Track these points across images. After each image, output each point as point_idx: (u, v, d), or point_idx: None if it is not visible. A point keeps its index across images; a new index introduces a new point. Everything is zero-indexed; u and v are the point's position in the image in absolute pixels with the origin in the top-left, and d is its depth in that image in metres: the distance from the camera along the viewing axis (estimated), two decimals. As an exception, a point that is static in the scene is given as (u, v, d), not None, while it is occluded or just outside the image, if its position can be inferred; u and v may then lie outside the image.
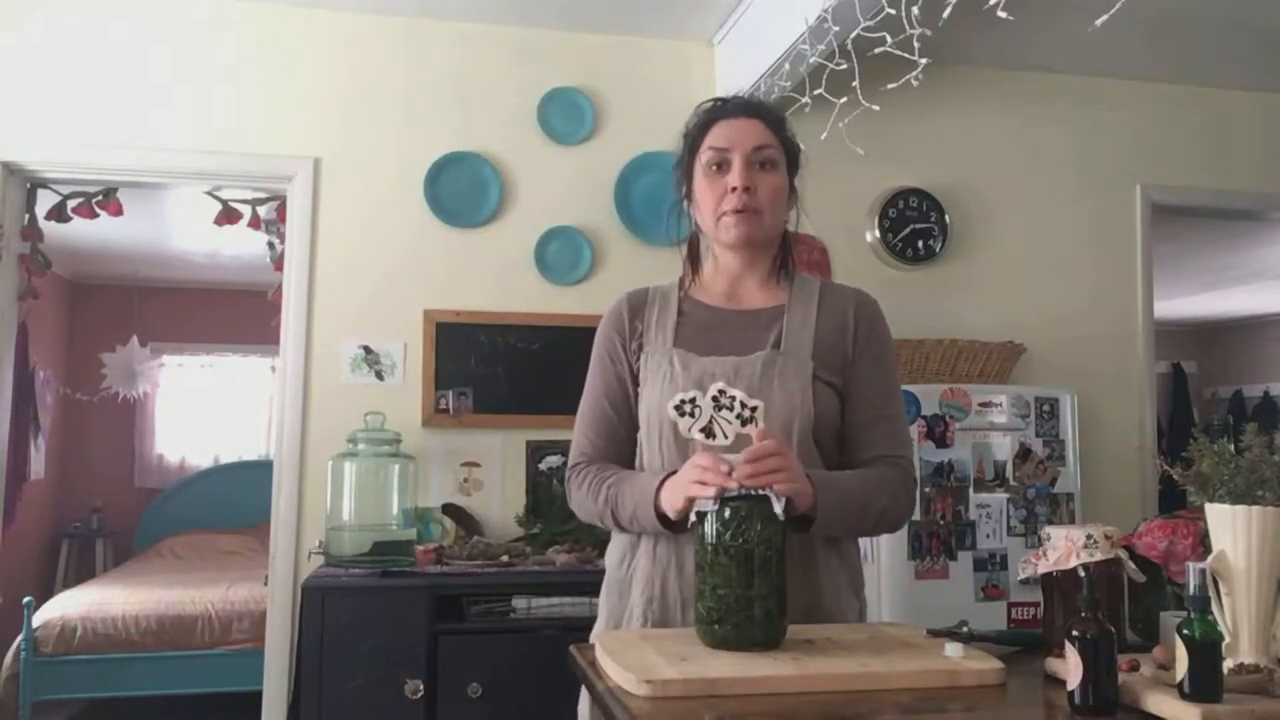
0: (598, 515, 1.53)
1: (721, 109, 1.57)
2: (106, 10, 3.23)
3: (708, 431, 1.45)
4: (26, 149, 3.18)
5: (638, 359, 1.56)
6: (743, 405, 1.44)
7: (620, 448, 1.57)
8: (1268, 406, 8.17)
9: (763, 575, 1.22)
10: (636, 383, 1.55)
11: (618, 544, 1.57)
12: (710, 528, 1.26)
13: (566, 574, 2.83)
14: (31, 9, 3.19)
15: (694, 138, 1.57)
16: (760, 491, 1.25)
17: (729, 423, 1.45)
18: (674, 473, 1.40)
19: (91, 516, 6.62)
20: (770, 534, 1.24)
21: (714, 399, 1.45)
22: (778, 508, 1.25)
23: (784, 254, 1.61)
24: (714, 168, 1.52)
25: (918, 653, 1.21)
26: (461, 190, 3.35)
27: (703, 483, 1.29)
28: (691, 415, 1.46)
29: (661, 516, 1.41)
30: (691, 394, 1.46)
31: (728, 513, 1.25)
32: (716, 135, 1.53)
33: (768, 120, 1.56)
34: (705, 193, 1.54)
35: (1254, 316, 8.36)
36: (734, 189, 1.49)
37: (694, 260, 1.64)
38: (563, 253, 3.40)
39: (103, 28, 3.22)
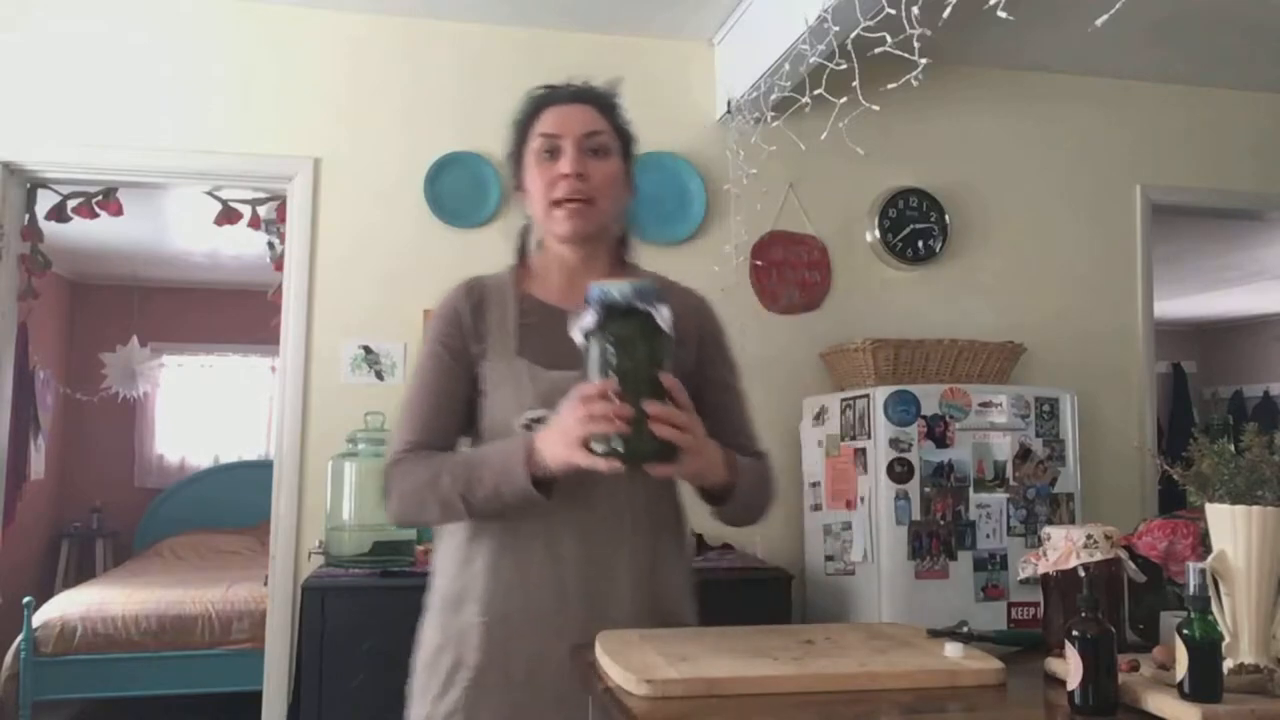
0: (436, 501, 1.37)
1: (551, 95, 1.49)
2: (106, 10, 3.23)
3: None
4: (26, 149, 3.18)
5: (480, 363, 1.44)
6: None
7: (450, 448, 1.45)
8: (1268, 406, 8.17)
9: (655, 393, 1.22)
10: (477, 387, 1.44)
11: (453, 549, 1.45)
12: (596, 347, 1.24)
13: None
14: (31, 9, 3.19)
15: (524, 125, 1.49)
16: (644, 307, 1.23)
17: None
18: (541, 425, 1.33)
19: (91, 516, 6.63)
20: (657, 350, 1.24)
21: None
22: (663, 321, 1.23)
23: (622, 246, 1.54)
24: (545, 155, 1.44)
25: (918, 653, 1.21)
26: (461, 190, 3.35)
27: (592, 417, 1.21)
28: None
29: (536, 481, 1.30)
30: (540, 412, 1.36)
31: (613, 332, 1.23)
32: (547, 121, 1.45)
33: (599, 105, 1.49)
34: (536, 181, 1.45)
35: (1254, 316, 8.36)
36: (565, 176, 1.41)
37: (523, 254, 1.55)
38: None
39: (103, 28, 3.23)
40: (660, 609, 1.43)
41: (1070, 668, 1.04)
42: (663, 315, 1.23)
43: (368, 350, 3.28)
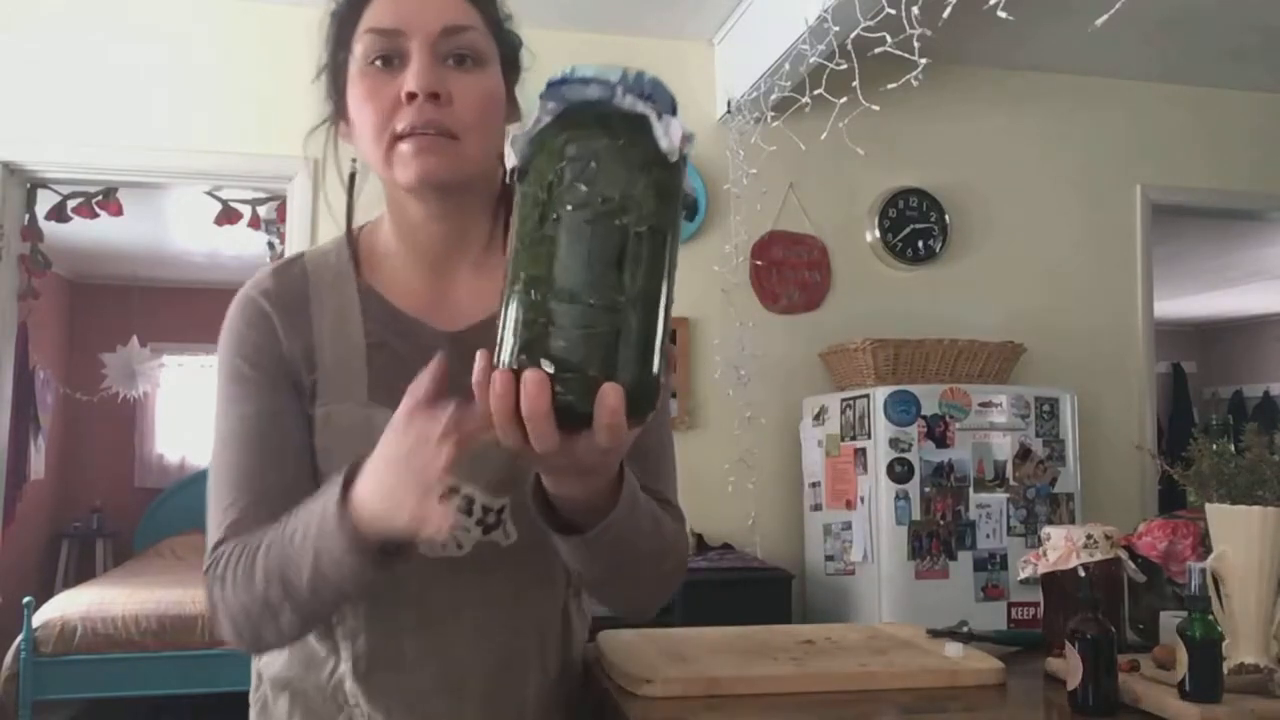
0: (269, 615, 0.88)
1: None
2: (107, 10, 3.23)
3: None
4: (26, 149, 3.17)
5: (310, 404, 0.96)
6: (484, 509, 0.94)
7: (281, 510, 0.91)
8: (1268, 406, 8.17)
9: (635, 269, 0.65)
10: (298, 422, 0.96)
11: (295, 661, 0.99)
12: (536, 171, 0.69)
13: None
14: (31, 9, 3.19)
15: (343, 16, 0.96)
16: (636, 110, 0.69)
17: (465, 529, 0.94)
18: (360, 463, 0.82)
19: (91, 516, 6.62)
20: (653, 193, 0.67)
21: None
22: (664, 138, 0.67)
23: (506, 204, 0.92)
24: (378, 64, 0.92)
25: (918, 653, 1.21)
26: (461, 190, 3.35)
27: (447, 456, 0.75)
28: None
29: (363, 544, 0.81)
30: None
31: (570, 143, 0.68)
32: (381, 11, 0.93)
33: None
34: (365, 106, 0.92)
35: (1254, 316, 8.36)
36: (410, 95, 0.89)
37: (350, 217, 1.03)
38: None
39: (103, 28, 3.22)
40: (515, 662, 1.00)
41: (1070, 668, 1.04)
42: (673, 133, 0.68)
43: (368, 350, 3.28)
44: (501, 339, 0.66)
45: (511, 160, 0.68)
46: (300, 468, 0.94)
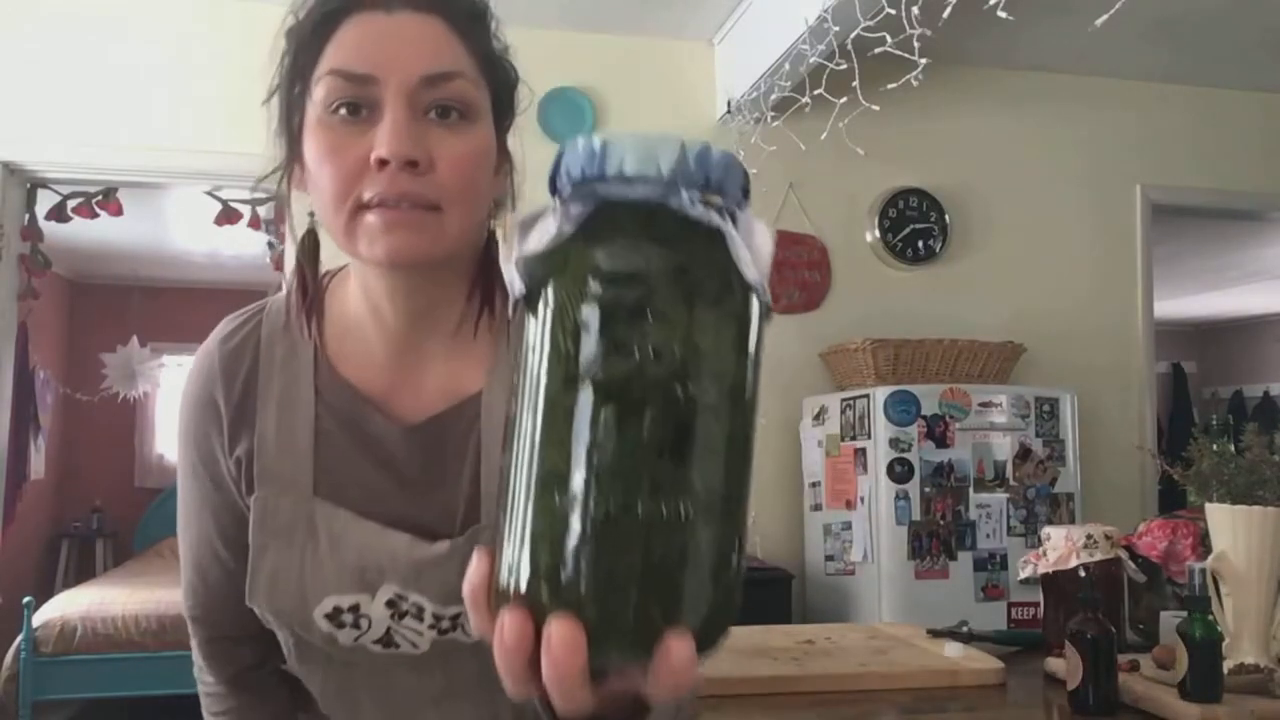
0: None
1: None
2: (106, 10, 3.23)
3: (386, 642, 0.86)
4: (26, 149, 3.17)
5: (242, 485, 0.87)
6: (436, 617, 0.85)
7: (259, 632, 0.91)
8: (1268, 406, 8.17)
9: (707, 458, 0.44)
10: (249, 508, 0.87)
11: None
12: (556, 308, 0.45)
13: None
14: (31, 9, 3.19)
15: (303, 42, 0.80)
16: (708, 219, 0.45)
17: (418, 632, 0.86)
18: None
19: (91, 516, 6.62)
20: (731, 340, 0.45)
21: (389, 603, 0.84)
22: (749, 263, 0.45)
23: (486, 279, 0.84)
24: (342, 111, 0.75)
25: (918, 653, 1.21)
26: (461, 190, 3.34)
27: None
28: (355, 626, 0.85)
29: None
30: (351, 599, 0.84)
31: (607, 269, 0.44)
32: (349, 48, 0.76)
33: (452, 17, 0.78)
34: (325, 163, 0.75)
35: (1254, 316, 8.36)
36: (381, 162, 0.72)
37: (305, 289, 0.87)
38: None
39: (103, 28, 3.22)
40: None
41: (1070, 668, 1.04)
42: (760, 247, 0.47)
43: (368, 350, 3.28)
44: (508, 553, 0.45)
45: (516, 280, 0.46)
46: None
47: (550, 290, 0.45)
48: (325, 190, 0.75)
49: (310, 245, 0.86)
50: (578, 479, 0.43)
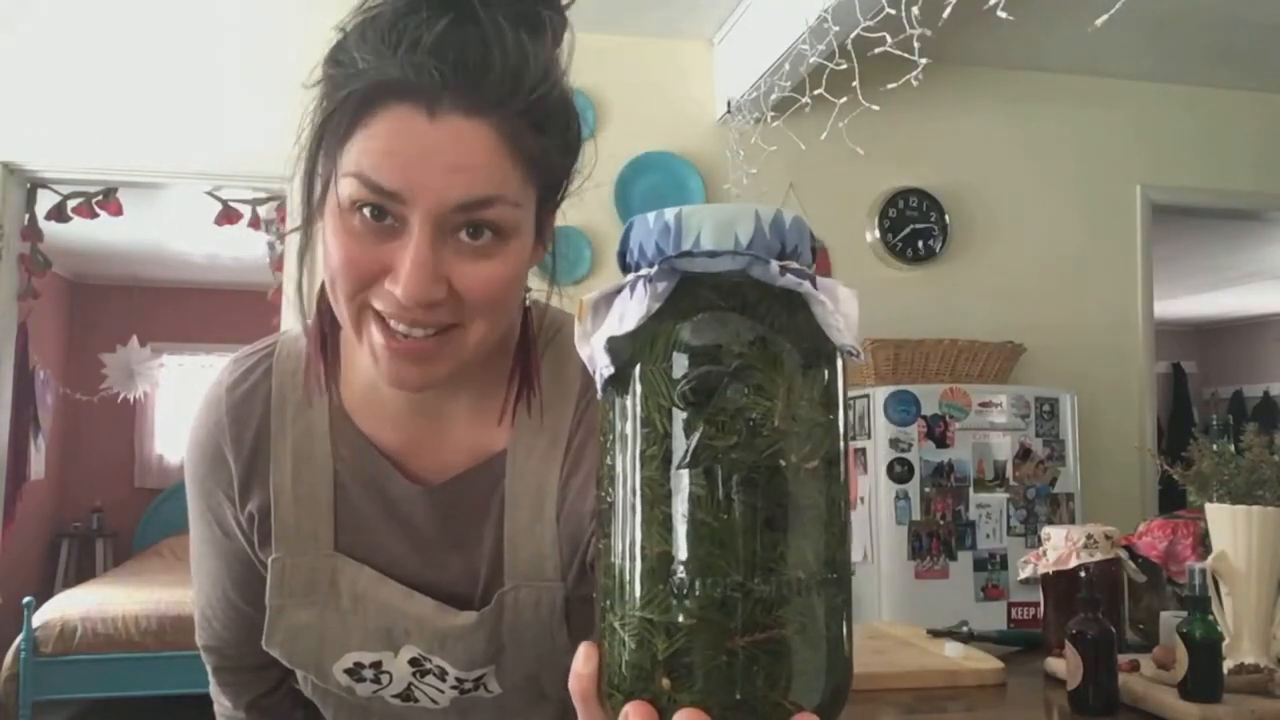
0: None
1: (399, 77, 0.64)
2: (106, 10, 3.23)
3: (405, 697, 0.86)
4: (26, 149, 3.18)
5: (254, 539, 0.84)
6: (459, 679, 0.84)
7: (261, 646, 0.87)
8: (1268, 406, 8.17)
9: (816, 530, 0.44)
10: (264, 564, 0.84)
11: None
12: (646, 386, 0.44)
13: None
14: (31, 9, 3.19)
15: (335, 118, 0.67)
16: (795, 286, 0.44)
17: (439, 690, 0.85)
18: None
19: (91, 516, 6.62)
20: (823, 407, 0.44)
21: (412, 661, 0.83)
22: (840, 328, 0.45)
23: (523, 356, 0.81)
24: (365, 211, 0.66)
25: (918, 653, 1.21)
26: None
27: None
28: (375, 681, 0.84)
29: None
30: (374, 656, 0.83)
31: (698, 345, 0.43)
32: (379, 154, 0.65)
33: (503, 120, 0.66)
34: (339, 252, 0.68)
35: (1254, 316, 8.36)
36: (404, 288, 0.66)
37: (323, 347, 0.80)
38: (563, 253, 3.40)
39: (102, 28, 3.22)
40: None
41: (1070, 668, 1.04)
42: (847, 311, 0.46)
43: (368, 350, 3.28)
44: (621, 644, 0.44)
45: (603, 361, 0.45)
46: (261, 608, 0.84)
47: (641, 370, 0.44)
48: (337, 278, 0.69)
49: (324, 302, 0.75)
50: (688, 561, 0.42)
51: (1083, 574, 1.29)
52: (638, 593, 0.43)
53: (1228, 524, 1.14)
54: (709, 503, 0.42)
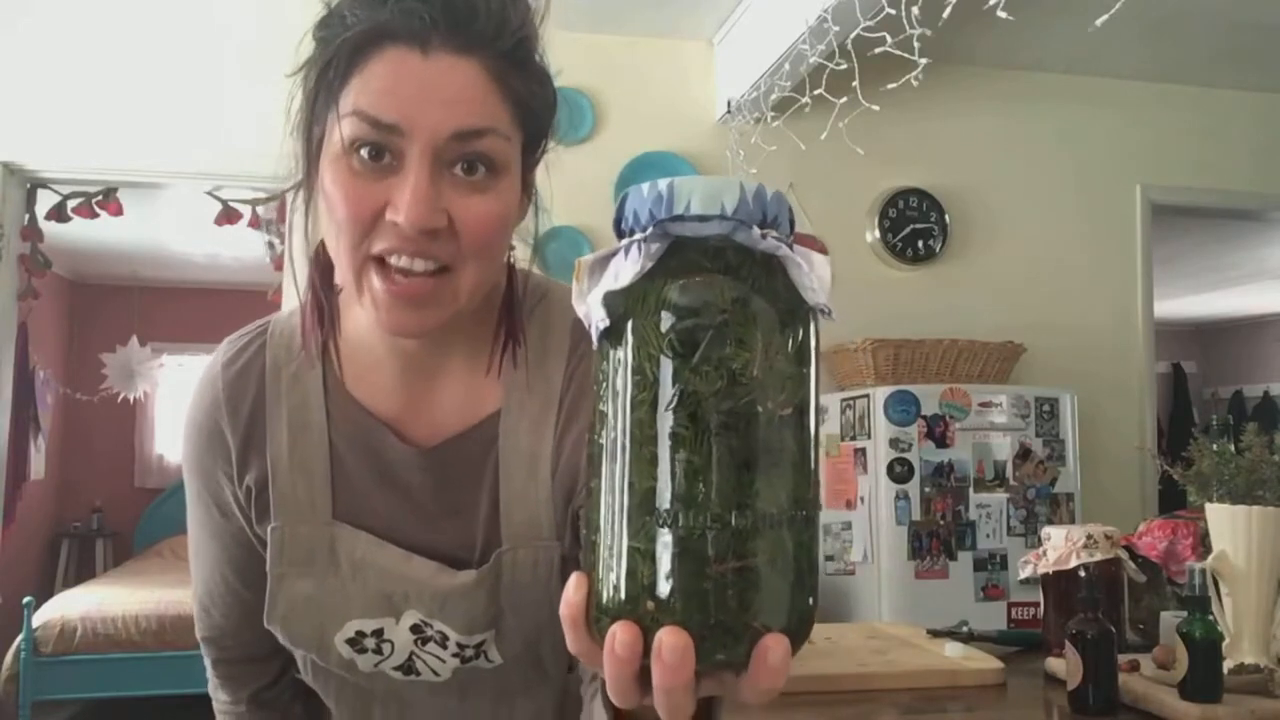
0: None
1: (399, 14, 0.70)
2: (106, 10, 3.23)
3: (406, 669, 0.87)
4: (26, 149, 3.17)
5: (252, 514, 0.85)
6: (460, 645, 0.85)
7: (262, 630, 0.88)
8: (1268, 406, 8.17)
9: (785, 469, 0.48)
10: (262, 542, 0.86)
11: None
12: (637, 337, 0.48)
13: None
14: (31, 9, 3.19)
15: (327, 76, 0.75)
16: (776, 251, 0.49)
17: (440, 659, 0.86)
18: None
19: (91, 516, 6.63)
20: (796, 361, 0.50)
21: (414, 627, 0.84)
22: (814, 288, 0.51)
23: (510, 315, 0.84)
24: (363, 152, 0.71)
25: (918, 653, 1.21)
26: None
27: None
28: (377, 651, 0.85)
29: None
30: (375, 623, 0.84)
31: (686, 301, 0.48)
32: (377, 91, 0.70)
33: (492, 59, 0.72)
34: (339, 202, 0.72)
35: (1254, 316, 8.36)
36: (398, 223, 0.70)
37: (320, 309, 0.82)
38: (563, 252, 3.39)
39: (102, 27, 3.22)
40: None
41: (1070, 668, 1.04)
42: (821, 274, 0.51)
43: (368, 350, 3.28)
44: (609, 572, 0.48)
45: (599, 315, 0.48)
46: (259, 591, 0.86)
47: (634, 323, 0.48)
48: (337, 234, 0.73)
49: (325, 260, 0.80)
50: (672, 497, 0.47)
51: (1083, 574, 1.29)
52: (626, 524, 0.47)
53: (1228, 524, 1.14)
54: (692, 443, 0.46)
